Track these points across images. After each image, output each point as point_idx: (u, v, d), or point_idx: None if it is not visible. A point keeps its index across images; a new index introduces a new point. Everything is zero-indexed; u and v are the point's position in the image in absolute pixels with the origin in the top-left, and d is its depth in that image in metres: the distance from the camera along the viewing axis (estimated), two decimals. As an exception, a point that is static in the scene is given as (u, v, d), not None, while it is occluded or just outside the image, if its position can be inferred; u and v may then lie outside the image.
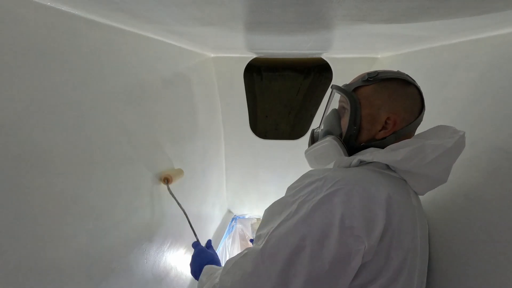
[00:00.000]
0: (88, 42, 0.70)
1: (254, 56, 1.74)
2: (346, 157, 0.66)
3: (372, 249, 0.47)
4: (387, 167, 0.61)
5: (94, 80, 0.71)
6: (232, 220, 2.32)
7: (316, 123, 2.01)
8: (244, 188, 2.27)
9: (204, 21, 0.76)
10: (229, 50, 1.59)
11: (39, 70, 0.56)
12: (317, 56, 1.73)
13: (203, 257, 0.90)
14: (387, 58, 1.56)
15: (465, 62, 0.89)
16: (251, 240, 2.28)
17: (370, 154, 0.62)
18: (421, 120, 0.67)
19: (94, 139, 0.70)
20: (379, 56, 1.62)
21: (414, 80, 0.67)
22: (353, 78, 0.74)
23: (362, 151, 0.66)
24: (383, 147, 0.63)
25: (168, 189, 1.03)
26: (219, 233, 2.05)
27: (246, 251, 0.55)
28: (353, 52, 1.55)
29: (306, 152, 0.80)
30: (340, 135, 0.71)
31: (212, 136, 1.84)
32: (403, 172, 0.59)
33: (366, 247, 0.46)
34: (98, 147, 0.71)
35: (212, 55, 1.73)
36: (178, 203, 1.04)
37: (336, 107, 0.77)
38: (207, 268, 0.77)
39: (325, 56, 1.71)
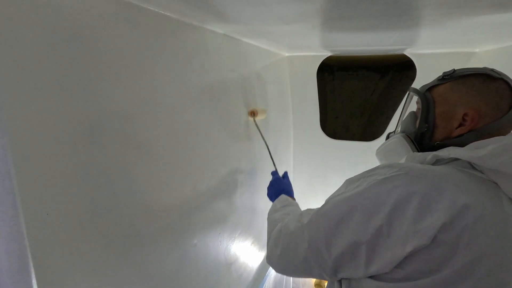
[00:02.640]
0: (186, 45, 0.80)
1: (329, 54, 1.71)
2: (419, 153, 0.63)
3: (423, 234, 0.46)
4: (472, 167, 0.55)
5: (186, 78, 0.81)
6: (297, 219, 2.33)
7: (394, 125, 1.86)
8: (311, 188, 2.25)
9: (287, 18, 0.79)
10: (304, 49, 1.60)
11: (146, 71, 0.67)
12: (399, 52, 1.60)
13: (279, 184, 1.03)
14: (488, 52, 1.35)
15: None
16: None
17: (447, 150, 0.58)
18: None
19: (181, 132, 0.80)
20: (477, 50, 1.41)
21: (503, 74, 0.60)
22: None
23: (439, 150, 0.62)
24: (462, 146, 0.57)
25: (254, 121, 1.21)
26: (283, 231, 2.07)
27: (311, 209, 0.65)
28: (444, 47, 1.39)
29: (377, 150, 0.81)
30: (413, 134, 0.70)
31: (283, 134, 1.88)
32: (492, 172, 0.52)
33: (412, 232, 0.46)
34: (183, 141, 0.81)
35: (287, 54, 1.76)
36: (261, 135, 1.21)
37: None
38: (283, 197, 0.93)
39: (408, 52, 1.57)
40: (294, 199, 0.98)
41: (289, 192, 1.01)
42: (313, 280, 2.33)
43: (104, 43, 0.55)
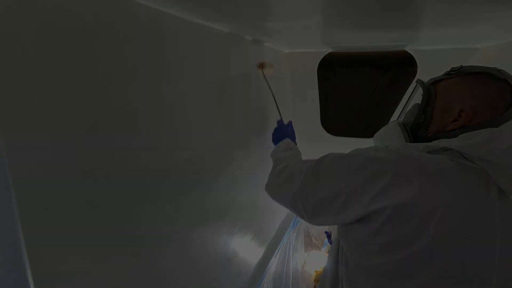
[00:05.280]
0: (182, 41, 0.80)
1: (330, 50, 1.70)
2: (412, 143, 0.67)
3: (386, 199, 0.51)
4: (463, 157, 0.57)
5: (185, 76, 0.81)
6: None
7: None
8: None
9: (283, 16, 0.78)
10: (304, 45, 1.60)
11: (148, 68, 0.67)
12: (400, 49, 1.59)
13: (283, 130, 1.16)
14: (491, 48, 1.34)
15: None
16: (326, 232, 2.27)
17: (438, 142, 0.61)
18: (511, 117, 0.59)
19: (181, 126, 0.81)
20: (479, 46, 1.40)
21: (507, 75, 0.60)
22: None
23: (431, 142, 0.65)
24: None
25: (262, 73, 1.29)
26: (284, 227, 2.07)
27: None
28: (445, 43, 1.38)
29: (374, 135, 0.87)
30: (410, 123, 0.73)
31: (283, 131, 1.87)
32: (480, 161, 0.54)
33: (380, 197, 0.52)
34: (182, 134, 0.82)
35: (287, 50, 1.76)
36: (269, 85, 1.29)
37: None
38: (287, 141, 1.07)
39: (409, 49, 1.56)
40: (296, 144, 1.11)
41: (293, 139, 1.13)
42: (312, 276, 2.34)
43: (104, 40, 0.56)
